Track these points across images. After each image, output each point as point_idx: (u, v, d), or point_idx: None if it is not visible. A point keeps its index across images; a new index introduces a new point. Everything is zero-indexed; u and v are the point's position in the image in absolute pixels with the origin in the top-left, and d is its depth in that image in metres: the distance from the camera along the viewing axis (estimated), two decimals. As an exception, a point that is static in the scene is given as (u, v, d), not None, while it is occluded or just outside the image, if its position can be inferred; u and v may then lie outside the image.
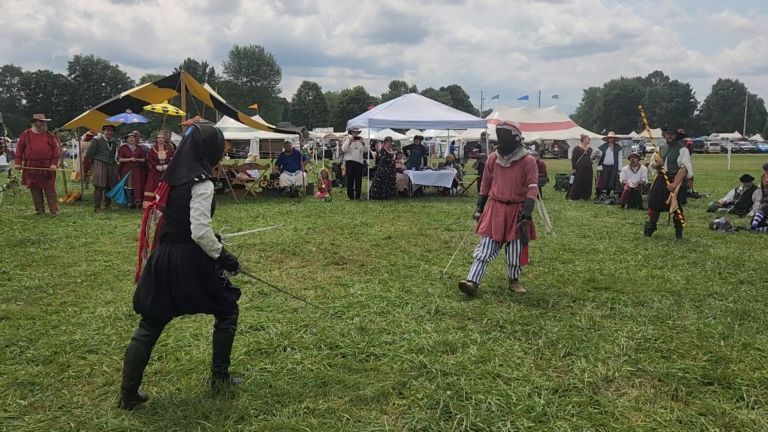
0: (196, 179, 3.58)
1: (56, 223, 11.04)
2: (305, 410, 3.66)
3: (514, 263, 6.41)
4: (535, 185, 6.20)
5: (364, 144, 15.94)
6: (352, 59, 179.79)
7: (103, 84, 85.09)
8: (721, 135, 68.24)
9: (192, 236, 3.54)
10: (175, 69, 65.70)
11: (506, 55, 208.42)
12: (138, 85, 79.89)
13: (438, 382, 4.06)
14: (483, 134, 17.29)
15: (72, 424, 3.49)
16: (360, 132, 16.11)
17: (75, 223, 11.09)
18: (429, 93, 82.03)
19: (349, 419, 3.56)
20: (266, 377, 4.14)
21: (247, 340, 4.87)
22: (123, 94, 15.70)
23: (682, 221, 9.59)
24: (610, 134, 17.21)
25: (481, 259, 6.30)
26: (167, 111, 13.91)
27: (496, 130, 6.43)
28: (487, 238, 6.36)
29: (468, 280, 6.22)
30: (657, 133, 36.01)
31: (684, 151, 9.52)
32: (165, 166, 13.06)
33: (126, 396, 3.68)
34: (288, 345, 4.75)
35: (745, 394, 3.88)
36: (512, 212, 6.29)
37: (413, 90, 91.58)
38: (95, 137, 13.70)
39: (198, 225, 3.52)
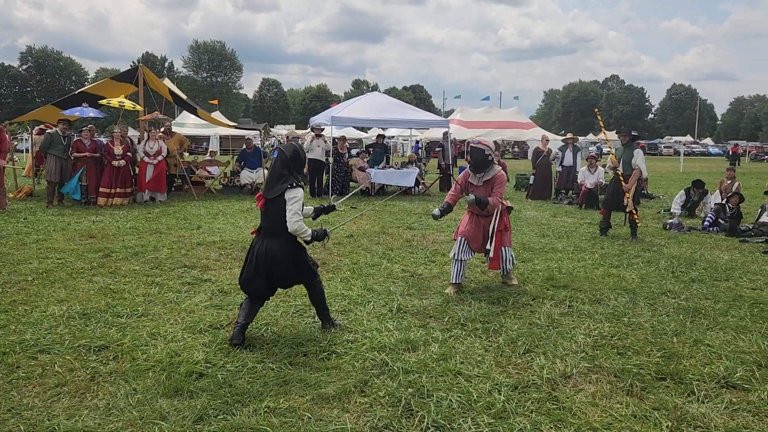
0: (289, 186, 4.58)
1: (5, 219, 10.66)
2: (266, 409, 3.62)
3: (507, 268, 6.59)
4: (497, 198, 6.34)
5: (326, 142, 15.88)
6: (314, 57, 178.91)
7: (57, 76, 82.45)
8: (674, 138, 70.24)
9: (289, 230, 4.58)
10: (133, 62, 64.30)
11: (467, 56, 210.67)
12: (93, 78, 77.92)
13: (400, 379, 4.06)
14: (445, 134, 17.43)
15: (21, 427, 3.37)
16: (323, 130, 16.04)
17: (26, 219, 10.73)
18: (392, 92, 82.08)
19: (310, 418, 3.53)
20: (226, 376, 4.08)
21: (205, 338, 4.79)
22: (79, 90, 15.28)
23: (637, 221, 9.85)
24: (569, 135, 17.54)
25: (458, 258, 6.43)
26: (123, 106, 13.59)
27: (470, 149, 6.63)
28: (463, 239, 6.48)
29: (453, 284, 6.41)
30: (613, 135, 36.81)
31: (638, 153, 9.76)
32: (121, 162, 12.80)
33: (239, 330, 4.63)
34: (248, 343, 4.69)
35: (695, 389, 4.00)
36: (487, 223, 6.47)
37: (375, 88, 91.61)
38: (49, 131, 13.29)
39: (293, 222, 4.57)
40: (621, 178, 9.73)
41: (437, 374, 4.18)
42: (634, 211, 9.73)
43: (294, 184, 4.61)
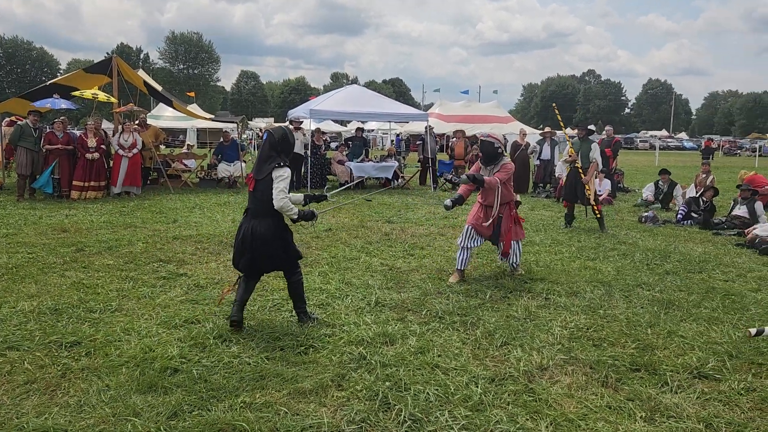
0: (276, 165, 4.66)
1: (-24, 212, 10.42)
2: (242, 404, 3.58)
3: (515, 262, 6.79)
4: (500, 178, 6.46)
5: (305, 135, 15.78)
6: (292, 49, 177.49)
7: (27, 67, 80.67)
8: (650, 132, 71.12)
9: (275, 206, 4.62)
10: (107, 53, 63.10)
11: (446, 50, 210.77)
12: (65, 69, 76.36)
13: (377, 373, 4.05)
14: (426, 127, 17.46)
15: (-10, 425, 3.30)
16: (301, 123, 15.93)
17: (-4, 213, 10.50)
18: (371, 85, 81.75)
19: (287, 413, 3.50)
20: (201, 371, 4.03)
21: (181, 334, 4.73)
22: (50, 82, 14.95)
23: (597, 213, 9.94)
24: (547, 129, 17.65)
25: (465, 246, 6.55)
26: (97, 97, 13.35)
27: (480, 142, 6.78)
28: (469, 227, 6.60)
29: (457, 270, 6.54)
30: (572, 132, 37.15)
31: (595, 147, 10.18)
32: (95, 154, 12.57)
33: (237, 311, 4.76)
34: (224, 338, 4.64)
35: (669, 380, 4.05)
36: (499, 211, 6.59)
37: (355, 82, 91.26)
38: (19, 123, 13.00)
39: (278, 199, 4.61)
40: (579, 171, 9.90)
41: (415, 367, 4.17)
42: (595, 205, 9.86)
43: (281, 164, 4.68)
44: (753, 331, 4.32)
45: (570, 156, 10.10)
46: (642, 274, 6.96)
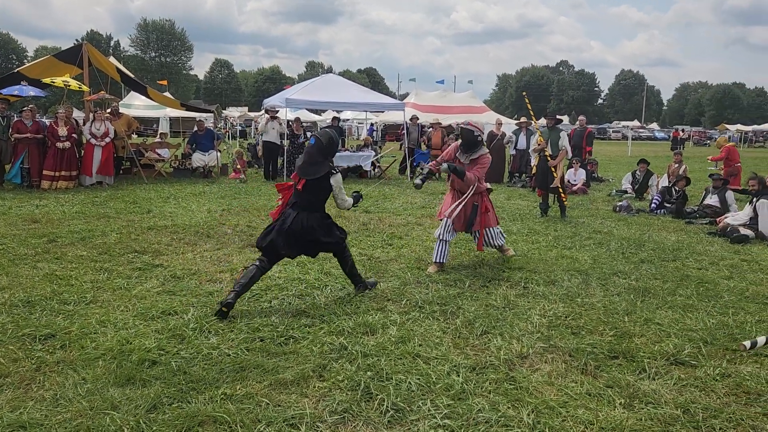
0: (333, 172, 5.22)
1: (-59, 203, 10.13)
2: (222, 396, 3.54)
3: (497, 244, 6.96)
4: (477, 175, 6.55)
5: (281, 124, 15.63)
6: (265, 37, 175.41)
7: (-7, 53, 78.55)
8: (623, 123, 72.03)
9: (340, 208, 5.47)
10: (76, 41, 61.68)
11: (421, 39, 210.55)
12: (33, 56, 74.46)
13: (358, 363, 4.04)
14: (413, 117, 17.53)
15: (-38, 421, 3.21)
16: (277, 112, 15.78)
17: (-37, 203, 10.22)
18: (346, 75, 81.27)
19: (268, 404, 3.47)
20: (180, 363, 3.97)
21: (158, 325, 4.66)
22: (17, 69, 14.51)
23: (564, 200, 10.10)
24: (522, 119, 17.74)
25: (443, 238, 6.58)
26: (69, 85, 13.02)
27: (460, 129, 6.87)
28: (447, 220, 6.62)
29: (435, 263, 6.54)
30: (566, 119, 37.56)
31: (564, 135, 10.30)
32: (66, 143, 12.29)
33: (234, 297, 4.89)
34: (203, 329, 4.58)
35: (646, 366, 4.12)
36: (470, 201, 6.66)
37: (330, 71, 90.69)
38: (-14, 111, 12.63)
39: (342, 203, 5.40)
40: (548, 158, 10.05)
41: (396, 357, 4.17)
42: (561, 191, 10.00)
43: (334, 171, 5.27)
44: (747, 344, 4.35)
45: (539, 144, 10.21)
46: (618, 263, 7.06)
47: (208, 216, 9.55)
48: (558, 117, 10.85)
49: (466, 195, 6.59)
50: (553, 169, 9.93)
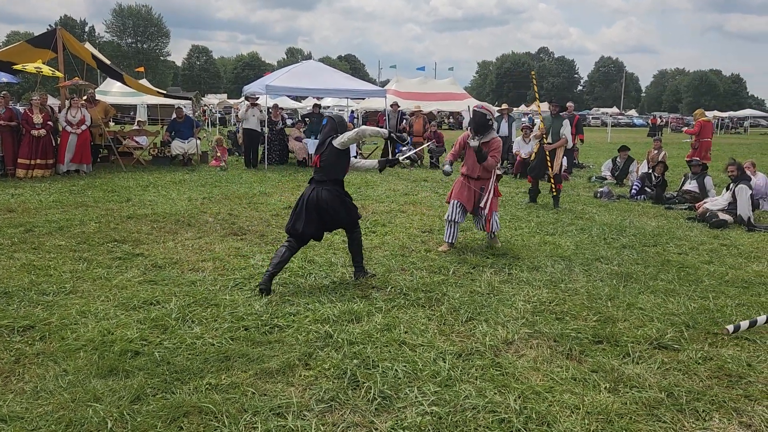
0: (336, 135, 5.41)
1: None
2: (207, 386, 3.50)
3: (495, 229, 7.08)
4: (495, 159, 6.81)
5: (261, 111, 15.45)
6: (244, 23, 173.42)
7: (-37, 38, 76.55)
8: (602, 110, 72.63)
9: (335, 144, 5.35)
10: (49, 26, 60.38)
11: (400, 26, 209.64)
12: (4, 41, 72.87)
13: (344, 351, 4.02)
14: (393, 104, 17.45)
15: (-61, 415, 3.13)
16: (257, 99, 15.60)
17: (-64, 192, 9.97)
18: (326, 61, 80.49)
19: (254, 393, 3.44)
20: (163, 353, 3.92)
21: (140, 315, 4.59)
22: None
23: (557, 190, 10.06)
24: (504, 106, 17.76)
25: (452, 220, 6.88)
26: (41, 71, 12.72)
27: (472, 112, 7.06)
28: (456, 202, 6.91)
29: (446, 242, 6.89)
30: (544, 106, 37.65)
31: (566, 123, 10.13)
32: (41, 131, 12.03)
33: (268, 278, 5.18)
34: (186, 319, 4.53)
35: (630, 351, 4.15)
36: (480, 185, 6.91)
37: (310, 57, 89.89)
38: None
39: (338, 142, 5.34)
40: (546, 146, 9.98)
41: (382, 344, 4.16)
42: (556, 181, 9.95)
43: (337, 135, 5.41)
44: (730, 328, 4.41)
45: (540, 131, 10.17)
46: (600, 249, 7.11)
47: (189, 204, 9.44)
48: (569, 105, 10.67)
49: (492, 183, 6.89)
50: (548, 158, 9.89)
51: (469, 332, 4.46)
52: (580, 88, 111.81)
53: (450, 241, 6.89)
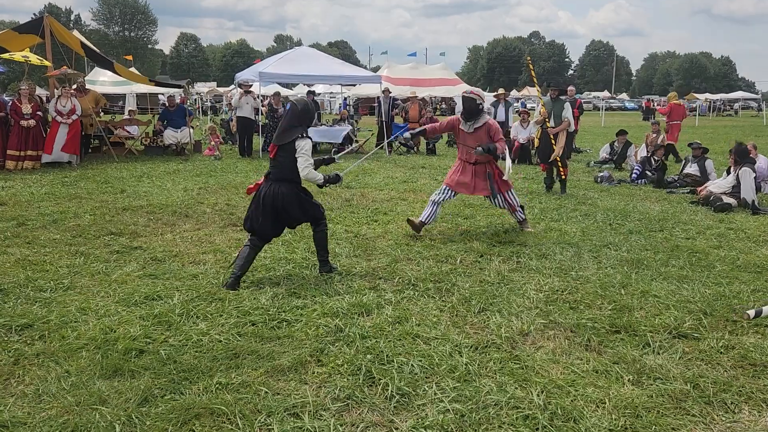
0: (299, 137, 4.96)
1: None
2: (217, 386, 3.36)
3: (509, 209, 7.06)
4: (502, 144, 6.78)
5: (255, 99, 15.21)
6: (230, 10, 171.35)
7: (-53, 29, 75.14)
8: (593, 94, 72.39)
9: (302, 176, 5.02)
10: (34, 15, 59.39)
11: (389, 12, 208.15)
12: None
13: (357, 346, 3.88)
14: (384, 91, 17.24)
15: (-63, 423, 2.98)
16: (251, 86, 15.35)
17: (-76, 186, 9.72)
18: (317, 48, 79.90)
19: (267, 392, 3.30)
20: (169, 352, 3.77)
21: (142, 311, 4.43)
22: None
23: (563, 174, 9.91)
24: (501, 91, 17.57)
25: (436, 201, 6.85)
26: (29, 60, 12.42)
27: (462, 98, 6.99)
28: (448, 187, 6.94)
29: (419, 220, 6.80)
30: (533, 91, 37.42)
31: (567, 106, 10.00)
32: (31, 122, 11.76)
33: (234, 280, 4.95)
34: (190, 314, 4.37)
35: (650, 341, 4.04)
36: (479, 171, 6.88)
37: (299, 44, 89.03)
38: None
39: (304, 169, 4.96)
40: (549, 130, 9.84)
41: (395, 338, 4.03)
42: (561, 165, 9.81)
43: (303, 135, 5.01)
44: (751, 313, 4.28)
45: (540, 116, 10.02)
46: (607, 234, 6.99)
47: (185, 195, 9.24)
48: (571, 88, 10.55)
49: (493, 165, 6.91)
50: (553, 142, 9.73)
51: (483, 324, 4.33)
52: (570, 72, 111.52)
53: (424, 221, 6.79)
